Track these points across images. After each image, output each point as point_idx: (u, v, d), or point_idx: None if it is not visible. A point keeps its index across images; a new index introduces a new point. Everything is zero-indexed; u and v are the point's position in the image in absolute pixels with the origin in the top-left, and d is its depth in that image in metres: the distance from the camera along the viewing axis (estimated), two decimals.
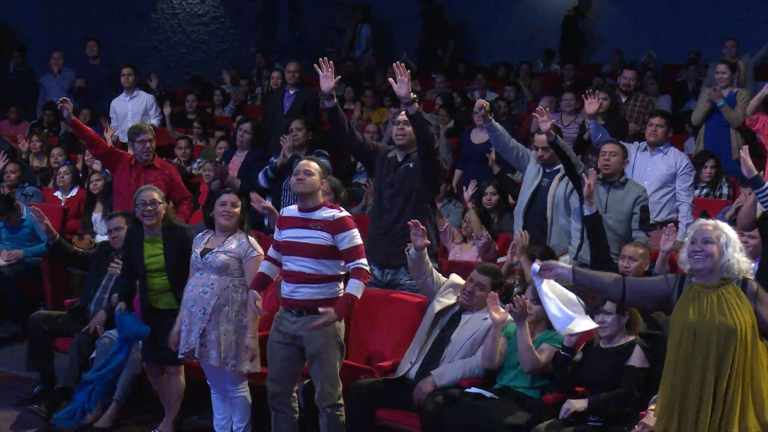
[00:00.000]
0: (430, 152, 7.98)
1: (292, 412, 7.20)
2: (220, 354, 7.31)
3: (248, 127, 10.89)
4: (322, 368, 7.02)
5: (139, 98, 13.67)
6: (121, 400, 8.25)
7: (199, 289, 7.38)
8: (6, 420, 8.47)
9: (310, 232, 6.97)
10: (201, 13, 20.96)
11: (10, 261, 10.61)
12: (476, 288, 7.28)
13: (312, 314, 6.98)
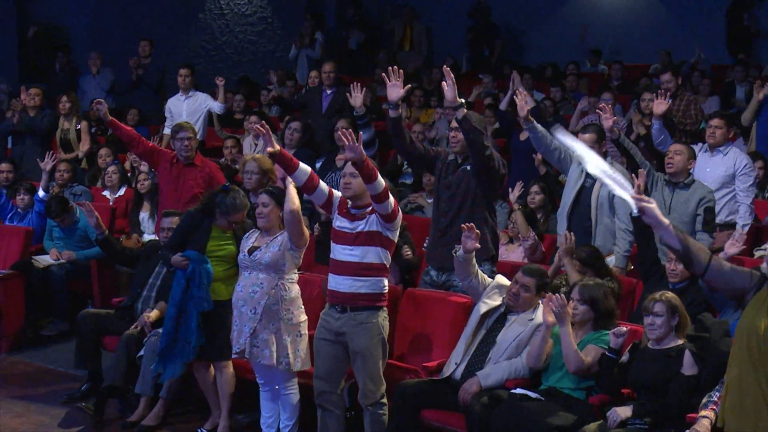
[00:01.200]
0: (482, 158, 7.93)
1: (338, 410, 7.22)
2: (273, 353, 7.33)
3: (298, 125, 10.88)
4: (365, 366, 7.04)
5: (194, 98, 13.72)
6: (167, 398, 8.28)
7: (249, 289, 7.40)
8: (54, 417, 8.53)
9: (357, 222, 7.07)
10: (248, 14, 21.03)
11: (62, 261, 10.70)
12: (521, 290, 7.26)
13: (355, 311, 7.01)
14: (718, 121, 9.86)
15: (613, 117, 8.71)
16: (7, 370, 9.88)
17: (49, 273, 10.65)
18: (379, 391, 7.10)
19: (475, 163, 8.00)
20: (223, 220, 7.87)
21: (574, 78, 16.65)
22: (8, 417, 8.53)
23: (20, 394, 9.11)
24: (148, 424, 8.22)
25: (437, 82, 17.39)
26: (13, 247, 10.71)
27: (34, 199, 11.17)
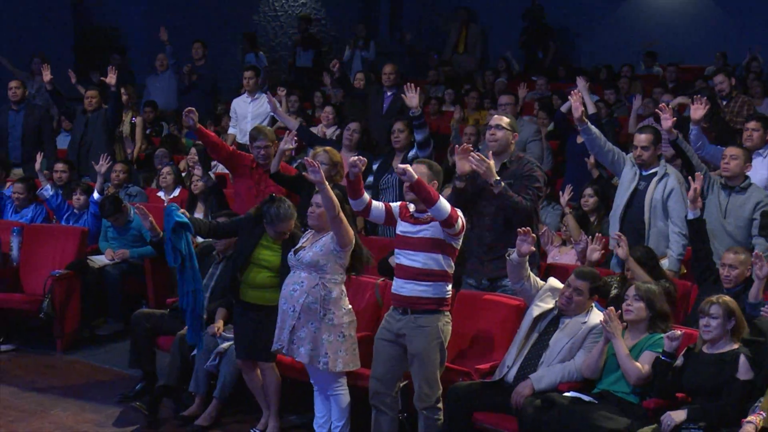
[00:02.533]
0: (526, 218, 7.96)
1: (392, 412, 7.23)
2: (309, 352, 7.35)
3: (356, 126, 10.88)
4: (422, 369, 7.05)
5: (260, 100, 13.76)
6: (221, 398, 8.32)
7: (290, 287, 7.43)
8: (108, 416, 8.60)
9: (420, 227, 7.07)
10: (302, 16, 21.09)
11: (116, 260, 10.79)
12: (574, 293, 7.22)
13: (416, 313, 7.02)
14: (755, 124, 9.74)
15: (673, 118, 8.65)
16: (63, 369, 9.97)
17: (104, 273, 10.73)
18: (435, 395, 7.10)
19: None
20: (271, 229, 7.90)
21: (627, 80, 16.56)
22: (64, 415, 8.62)
23: (76, 392, 9.19)
24: (201, 424, 8.27)
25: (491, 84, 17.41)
26: (69, 248, 10.78)
27: (90, 201, 11.26)
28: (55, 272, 10.41)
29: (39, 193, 11.51)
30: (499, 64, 19.30)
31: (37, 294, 10.41)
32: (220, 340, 8.38)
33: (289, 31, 20.87)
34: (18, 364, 10.09)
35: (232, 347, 8.26)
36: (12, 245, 10.91)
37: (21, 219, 11.43)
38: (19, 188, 11.62)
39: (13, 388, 9.29)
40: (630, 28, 20.90)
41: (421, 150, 10.08)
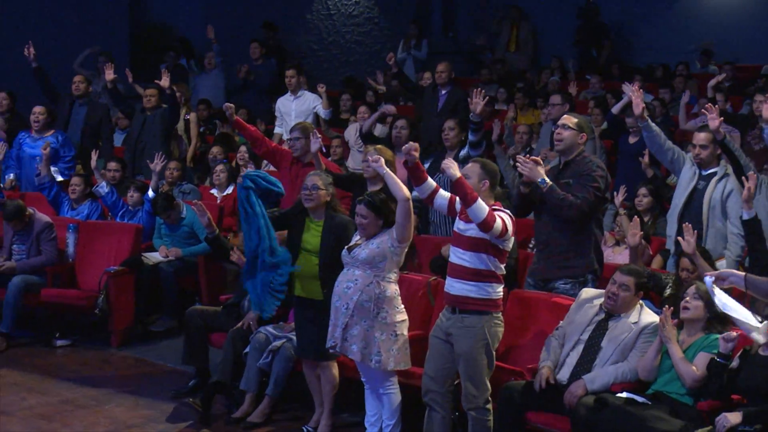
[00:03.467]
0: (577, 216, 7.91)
1: (444, 411, 7.22)
2: (362, 350, 7.36)
3: (404, 123, 10.87)
4: (467, 369, 7.05)
5: (303, 98, 13.80)
6: (273, 396, 8.35)
7: (344, 284, 7.44)
8: (162, 411, 8.66)
9: (469, 225, 7.06)
10: (355, 14, 21.11)
11: (169, 257, 10.86)
12: (620, 289, 7.18)
13: (463, 313, 7.01)
14: None
15: (720, 118, 8.57)
16: (117, 365, 10.06)
17: (158, 270, 10.82)
18: (482, 396, 7.08)
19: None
20: None
21: (683, 79, 16.43)
22: (118, 411, 8.69)
23: (130, 388, 9.26)
24: (253, 420, 8.30)
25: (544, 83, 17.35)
26: (123, 244, 10.87)
27: (144, 198, 11.34)
28: (110, 269, 10.50)
29: (95, 190, 11.60)
30: (552, 63, 19.23)
31: (93, 290, 10.52)
32: (273, 338, 8.41)
33: (341, 30, 20.89)
34: (74, 359, 10.19)
35: (285, 345, 8.29)
36: (68, 242, 11.01)
37: (77, 216, 11.53)
38: (77, 182, 11.73)
39: (69, 383, 9.38)
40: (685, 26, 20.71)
41: (474, 149, 10.06)
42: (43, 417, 8.52)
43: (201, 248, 10.59)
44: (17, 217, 10.58)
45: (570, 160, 8.02)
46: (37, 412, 8.65)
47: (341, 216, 8.01)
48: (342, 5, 20.74)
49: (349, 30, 20.92)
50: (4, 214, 10.65)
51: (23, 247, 10.69)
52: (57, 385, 9.36)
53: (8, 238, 10.78)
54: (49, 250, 10.66)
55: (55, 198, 11.72)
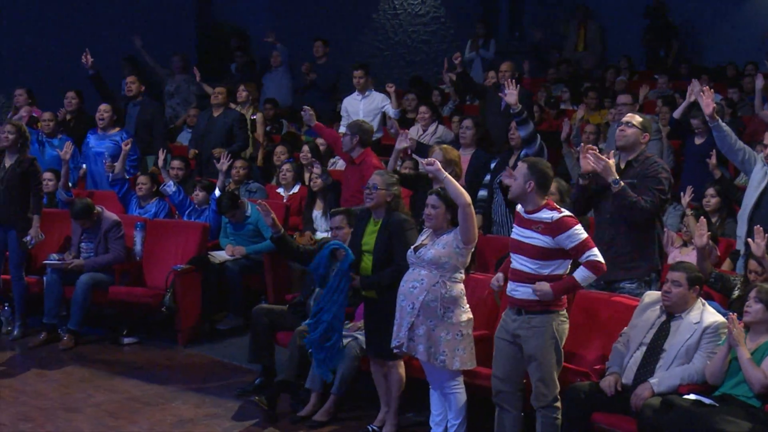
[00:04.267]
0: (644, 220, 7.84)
1: (515, 410, 7.20)
2: (428, 349, 7.34)
3: (470, 123, 10.85)
4: (538, 369, 7.01)
5: (371, 98, 13.80)
6: (338, 395, 8.36)
7: (410, 284, 7.43)
8: (227, 409, 8.71)
9: (531, 233, 6.99)
10: (421, 14, 21.08)
11: (235, 256, 10.91)
12: (672, 286, 7.14)
13: (530, 314, 6.98)
14: None
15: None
16: (183, 362, 10.12)
17: (224, 268, 10.87)
18: (552, 394, 7.06)
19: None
20: None
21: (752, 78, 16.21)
22: (184, 408, 8.75)
23: (196, 386, 9.32)
24: (318, 419, 8.32)
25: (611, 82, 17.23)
26: (190, 243, 10.94)
27: (211, 198, 11.40)
28: (177, 267, 10.57)
29: (162, 189, 11.69)
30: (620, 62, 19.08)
31: (160, 288, 10.60)
32: None
33: (408, 29, 20.88)
34: (140, 356, 10.28)
35: (350, 344, 8.29)
36: (135, 240, 11.10)
37: (144, 214, 11.62)
38: (144, 180, 11.82)
39: (136, 380, 9.46)
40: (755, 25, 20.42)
41: (528, 147, 10.00)
42: (110, 414, 8.60)
43: (265, 246, 10.63)
44: (85, 215, 10.68)
45: (633, 160, 7.95)
46: (104, 408, 8.73)
47: (398, 214, 7.99)
48: (408, 5, 20.72)
49: (416, 29, 20.90)
50: (72, 213, 10.76)
51: (91, 245, 10.77)
52: (124, 382, 9.44)
53: (76, 236, 10.88)
54: (116, 248, 10.75)
55: (124, 196, 11.83)
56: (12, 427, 8.32)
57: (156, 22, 17.15)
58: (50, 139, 12.99)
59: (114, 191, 11.92)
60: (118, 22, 16.73)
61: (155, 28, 17.04)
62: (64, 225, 11.34)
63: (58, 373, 9.73)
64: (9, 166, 10.57)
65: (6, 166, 10.58)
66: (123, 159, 11.86)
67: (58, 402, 8.90)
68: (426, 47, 21.07)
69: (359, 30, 19.93)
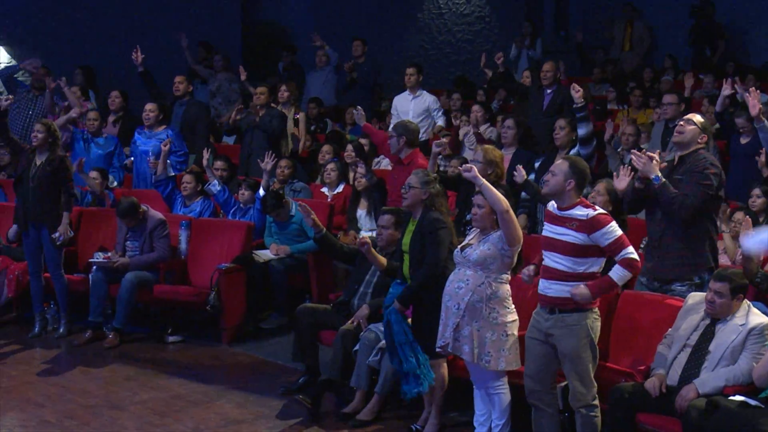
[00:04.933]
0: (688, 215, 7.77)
1: (551, 409, 7.17)
2: (473, 350, 7.31)
3: (511, 122, 10.84)
4: (574, 368, 6.98)
5: (421, 98, 13.77)
6: (382, 393, 8.35)
7: (455, 284, 7.41)
8: (272, 408, 8.71)
9: (565, 230, 6.96)
10: (466, 13, 21.06)
11: (279, 255, 10.92)
12: (715, 296, 7.07)
13: (563, 312, 6.94)
14: None
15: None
16: (228, 361, 10.14)
17: (269, 267, 10.88)
18: (590, 393, 7.01)
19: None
20: None
21: None
22: (229, 407, 8.76)
23: (240, 385, 9.34)
24: (362, 418, 8.31)
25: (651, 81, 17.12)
26: (235, 242, 10.96)
27: (255, 197, 11.42)
28: (222, 266, 10.59)
29: (207, 188, 11.72)
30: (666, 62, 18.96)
31: (204, 287, 10.63)
32: (382, 336, 8.41)
33: (453, 29, 20.85)
34: (185, 355, 10.31)
35: None
36: (180, 239, 11.14)
37: (189, 213, 11.67)
38: (189, 179, 11.87)
39: (180, 379, 9.49)
40: None
41: (583, 147, 9.96)
42: (155, 412, 8.63)
43: (309, 245, 10.63)
44: (131, 214, 10.73)
45: (685, 156, 7.88)
46: (148, 407, 8.76)
47: (432, 213, 7.97)
48: (453, 4, 20.71)
49: (460, 29, 20.88)
50: (118, 211, 10.81)
51: (136, 243, 10.82)
52: (168, 380, 9.48)
53: (122, 234, 10.93)
54: (162, 246, 10.79)
55: (169, 195, 11.88)
56: (57, 424, 8.37)
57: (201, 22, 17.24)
58: (95, 138, 13.08)
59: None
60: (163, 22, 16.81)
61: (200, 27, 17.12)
62: (109, 223, 11.42)
63: (103, 371, 9.79)
64: (40, 164, 10.62)
65: (37, 164, 10.64)
66: (164, 158, 11.90)
67: (103, 400, 8.95)
68: (470, 47, 21.04)
69: (404, 29, 19.94)
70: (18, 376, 9.62)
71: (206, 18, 17.50)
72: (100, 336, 10.63)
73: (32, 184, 10.59)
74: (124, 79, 14.84)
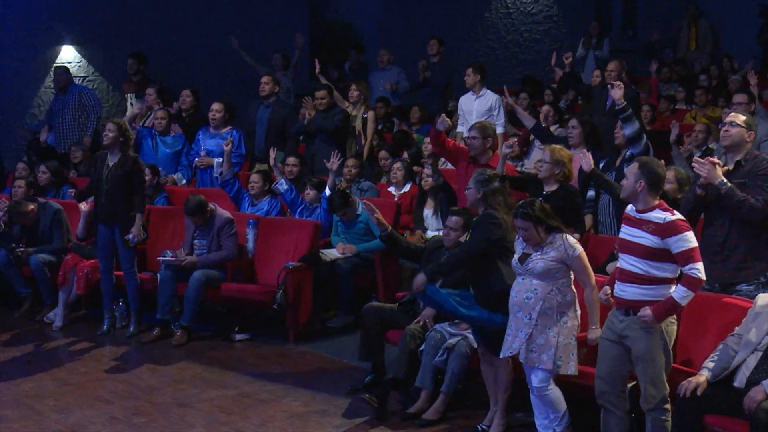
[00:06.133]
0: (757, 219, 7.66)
1: (620, 411, 7.10)
2: (551, 356, 7.32)
3: (575, 122, 10.76)
4: (647, 371, 6.90)
5: (485, 98, 13.72)
6: (448, 393, 8.33)
7: (523, 294, 7.40)
8: (338, 407, 8.72)
9: (641, 233, 6.88)
10: (534, 12, 21.00)
11: (345, 254, 10.94)
12: None
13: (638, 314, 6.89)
14: None
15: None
16: (294, 359, 10.18)
17: (335, 266, 10.90)
18: (661, 396, 6.95)
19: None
20: None
21: None
22: (295, 405, 8.79)
23: (306, 383, 9.36)
24: (428, 417, 8.29)
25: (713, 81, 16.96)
26: (302, 241, 11.00)
27: (322, 196, 11.44)
28: (289, 264, 10.62)
29: (274, 187, 11.76)
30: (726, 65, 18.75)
31: (271, 285, 10.67)
32: (448, 336, 8.40)
33: (520, 28, 20.79)
34: (252, 353, 10.36)
35: (460, 343, 8.26)
36: (248, 237, 11.20)
37: (257, 212, 11.73)
38: (256, 179, 11.93)
39: (247, 377, 9.54)
40: None
41: (633, 146, 9.85)
42: (222, 409, 8.68)
43: (375, 245, 10.65)
44: (199, 212, 10.79)
45: (741, 160, 7.79)
46: (216, 404, 8.82)
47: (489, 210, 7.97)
48: (521, 3, 20.66)
49: (528, 28, 20.82)
50: (186, 209, 10.87)
51: (204, 242, 10.89)
52: (235, 378, 9.53)
53: (189, 233, 11.00)
54: (229, 245, 10.85)
55: (236, 194, 11.95)
56: (125, 421, 8.45)
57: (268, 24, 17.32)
58: (164, 137, 13.19)
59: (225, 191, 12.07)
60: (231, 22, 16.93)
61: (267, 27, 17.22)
62: (177, 222, 11.51)
63: (170, 369, 9.86)
64: (112, 165, 10.71)
65: (109, 165, 10.72)
66: (227, 158, 11.97)
67: (170, 397, 9.02)
68: (538, 46, 20.98)
69: (471, 29, 19.92)
70: (87, 372, 9.73)
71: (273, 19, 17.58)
72: (168, 334, 10.72)
73: (106, 186, 10.69)
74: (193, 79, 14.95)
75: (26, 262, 11.51)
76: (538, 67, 20.28)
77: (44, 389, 9.25)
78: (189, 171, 13.25)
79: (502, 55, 20.47)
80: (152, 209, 11.89)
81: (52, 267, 11.46)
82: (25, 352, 10.43)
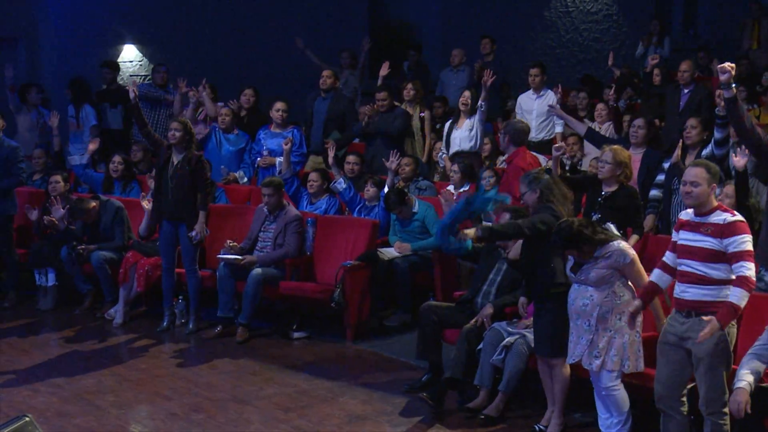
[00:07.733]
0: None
1: (680, 415, 7.05)
2: (616, 358, 7.33)
3: (641, 122, 10.70)
4: (707, 373, 6.84)
5: (545, 97, 13.68)
6: (506, 392, 8.31)
7: (580, 302, 7.42)
8: (395, 405, 8.73)
9: (701, 236, 6.82)
10: (593, 11, 20.88)
11: (401, 253, 10.95)
12: None
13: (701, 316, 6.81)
14: None
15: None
16: (352, 358, 10.22)
17: (393, 265, 10.91)
18: (721, 400, 6.88)
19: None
20: None
21: None
22: (353, 403, 8.81)
23: (364, 381, 9.39)
24: (489, 414, 8.29)
25: None
26: (360, 239, 11.03)
27: (380, 195, 11.46)
28: (347, 263, 10.65)
29: (332, 186, 11.79)
30: None
31: (329, 283, 10.70)
32: (506, 334, 8.38)
33: (580, 27, 20.69)
34: (310, 351, 10.40)
35: (518, 341, 8.24)
36: (307, 235, 11.22)
37: (315, 210, 11.76)
38: (315, 177, 11.98)
39: (305, 375, 9.58)
40: None
41: (718, 147, 9.78)
42: (280, 407, 8.71)
43: (430, 243, 10.65)
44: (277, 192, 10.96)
45: None
46: (274, 402, 8.85)
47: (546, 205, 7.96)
48: (580, 2, 20.56)
49: (587, 27, 20.71)
50: (268, 204, 10.97)
51: (269, 234, 10.97)
52: (293, 376, 9.56)
53: (257, 224, 11.11)
54: (291, 242, 10.88)
55: (295, 193, 11.99)
56: (184, 417, 8.51)
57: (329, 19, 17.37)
58: (227, 134, 13.26)
59: None
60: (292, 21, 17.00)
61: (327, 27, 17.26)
62: (237, 219, 11.58)
63: (229, 366, 9.92)
64: (177, 163, 10.77)
65: (175, 163, 10.80)
66: (287, 158, 12.02)
67: (229, 394, 9.07)
68: (597, 45, 20.86)
69: (531, 28, 19.86)
70: (147, 369, 9.81)
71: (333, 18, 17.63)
72: (229, 331, 10.78)
73: (171, 183, 10.77)
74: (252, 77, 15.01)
75: (87, 259, 11.61)
76: (597, 66, 20.15)
77: (104, 385, 9.33)
78: (251, 169, 13.31)
79: (561, 54, 20.39)
80: (212, 207, 11.95)
81: (113, 264, 11.56)
82: (86, 348, 10.53)
